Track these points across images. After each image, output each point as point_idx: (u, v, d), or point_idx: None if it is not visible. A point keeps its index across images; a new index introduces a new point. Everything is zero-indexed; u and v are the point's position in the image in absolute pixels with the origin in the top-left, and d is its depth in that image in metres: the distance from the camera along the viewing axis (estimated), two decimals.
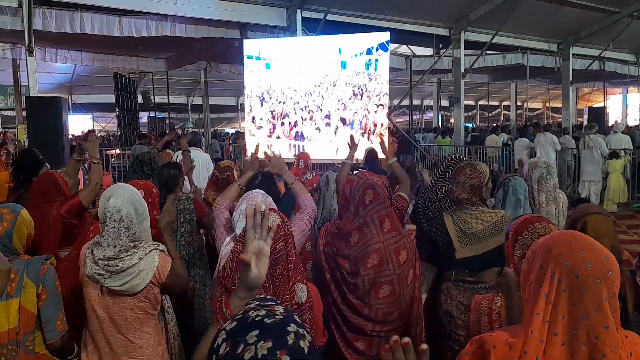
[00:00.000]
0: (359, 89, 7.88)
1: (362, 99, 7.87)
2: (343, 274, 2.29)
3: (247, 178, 2.76)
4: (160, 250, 2.04)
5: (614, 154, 8.95)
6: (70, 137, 17.73)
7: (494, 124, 20.94)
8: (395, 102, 14.55)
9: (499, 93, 28.07)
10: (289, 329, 0.91)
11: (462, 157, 3.18)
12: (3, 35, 9.99)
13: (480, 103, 28.67)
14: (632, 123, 20.66)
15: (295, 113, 8.30)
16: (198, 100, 21.99)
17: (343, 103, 7.98)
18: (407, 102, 15.48)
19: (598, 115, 14.09)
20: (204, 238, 3.37)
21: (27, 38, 7.91)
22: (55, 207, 2.79)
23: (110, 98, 15.34)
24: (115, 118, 15.10)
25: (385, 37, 7.86)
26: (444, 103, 25.05)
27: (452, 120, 17.77)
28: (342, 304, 2.30)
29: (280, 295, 1.70)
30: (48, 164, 3.65)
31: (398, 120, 25.10)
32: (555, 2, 11.25)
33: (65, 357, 2.03)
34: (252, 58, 8.50)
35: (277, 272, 1.72)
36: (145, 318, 2.01)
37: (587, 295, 1.06)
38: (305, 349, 0.91)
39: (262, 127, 8.50)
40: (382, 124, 7.80)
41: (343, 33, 8.77)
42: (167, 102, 15.90)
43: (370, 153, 5.75)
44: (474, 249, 2.39)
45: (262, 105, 8.52)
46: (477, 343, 1.20)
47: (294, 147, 8.22)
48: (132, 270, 1.92)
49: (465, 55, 12.44)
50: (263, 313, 0.93)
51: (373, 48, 7.78)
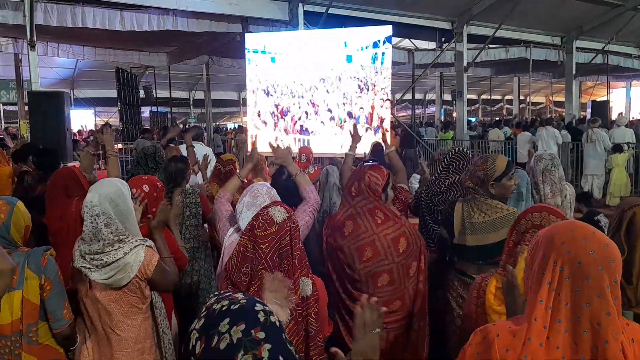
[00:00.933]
0: (365, 84, 7.83)
1: (367, 93, 7.84)
2: (342, 265, 2.31)
3: (247, 171, 2.79)
4: (147, 246, 2.04)
5: (617, 148, 8.93)
6: (81, 129, 17.84)
7: (497, 118, 20.89)
8: (398, 96, 14.52)
9: (502, 87, 27.96)
10: (257, 308, 0.94)
11: (465, 150, 3.22)
12: (5, 30, 10.00)
13: (483, 97, 28.58)
14: (635, 116, 20.60)
15: (300, 107, 8.28)
16: (200, 95, 22.00)
17: (348, 97, 7.94)
18: (409, 96, 15.43)
19: (601, 109, 14.01)
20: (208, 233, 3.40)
21: (28, 32, 7.92)
22: (75, 202, 2.76)
23: (112, 93, 15.36)
24: (117, 113, 15.10)
25: (388, 31, 7.80)
26: (447, 97, 24.97)
27: (454, 114, 17.73)
28: (343, 294, 2.32)
29: None
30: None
31: (400, 114, 25.06)
32: None
33: (70, 347, 2.05)
34: (257, 52, 8.45)
35: (282, 267, 1.73)
36: (132, 312, 2.02)
37: (589, 283, 1.07)
38: (277, 323, 0.93)
39: (266, 122, 8.49)
40: (385, 119, 7.79)
41: (345, 27, 8.70)
42: (169, 96, 15.88)
43: (376, 147, 5.78)
44: (475, 239, 2.39)
45: (267, 98, 8.50)
46: (481, 334, 1.21)
47: (299, 141, 8.20)
48: (116, 265, 1.93)
49: (468, 49, 12.40)
50: (227, 302, 0.95)
51: (380, 41, 7.66)
